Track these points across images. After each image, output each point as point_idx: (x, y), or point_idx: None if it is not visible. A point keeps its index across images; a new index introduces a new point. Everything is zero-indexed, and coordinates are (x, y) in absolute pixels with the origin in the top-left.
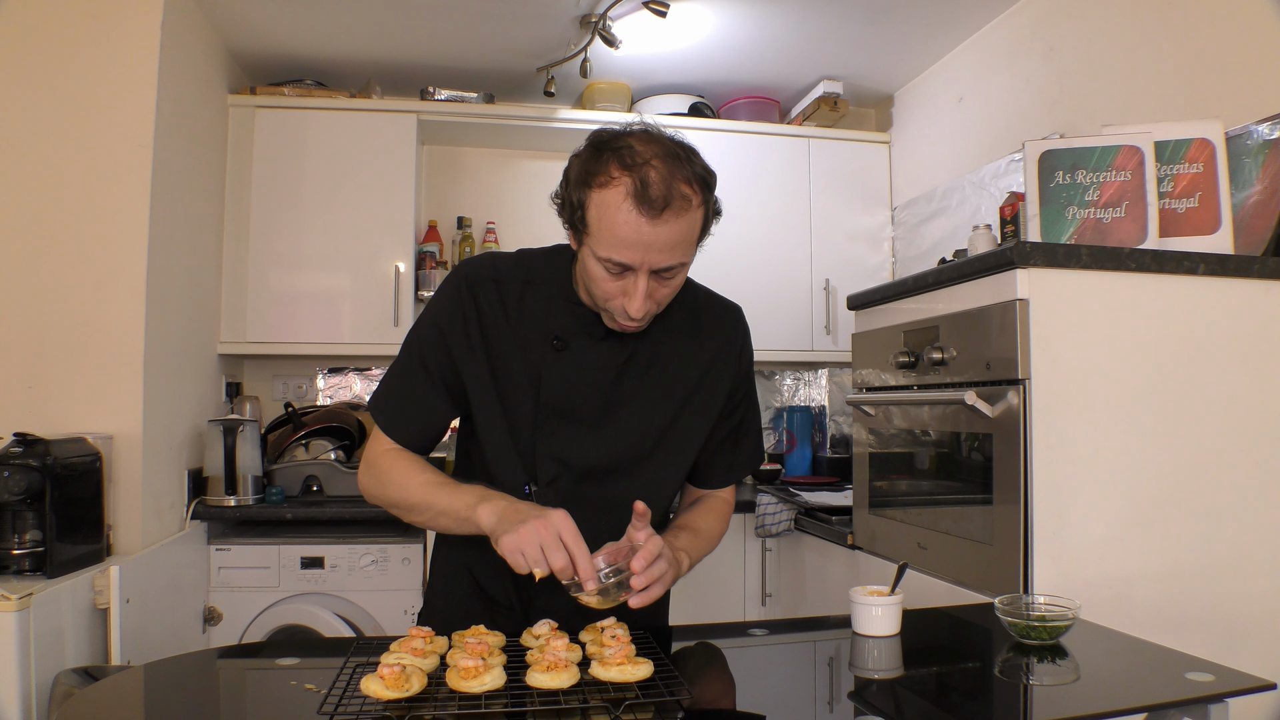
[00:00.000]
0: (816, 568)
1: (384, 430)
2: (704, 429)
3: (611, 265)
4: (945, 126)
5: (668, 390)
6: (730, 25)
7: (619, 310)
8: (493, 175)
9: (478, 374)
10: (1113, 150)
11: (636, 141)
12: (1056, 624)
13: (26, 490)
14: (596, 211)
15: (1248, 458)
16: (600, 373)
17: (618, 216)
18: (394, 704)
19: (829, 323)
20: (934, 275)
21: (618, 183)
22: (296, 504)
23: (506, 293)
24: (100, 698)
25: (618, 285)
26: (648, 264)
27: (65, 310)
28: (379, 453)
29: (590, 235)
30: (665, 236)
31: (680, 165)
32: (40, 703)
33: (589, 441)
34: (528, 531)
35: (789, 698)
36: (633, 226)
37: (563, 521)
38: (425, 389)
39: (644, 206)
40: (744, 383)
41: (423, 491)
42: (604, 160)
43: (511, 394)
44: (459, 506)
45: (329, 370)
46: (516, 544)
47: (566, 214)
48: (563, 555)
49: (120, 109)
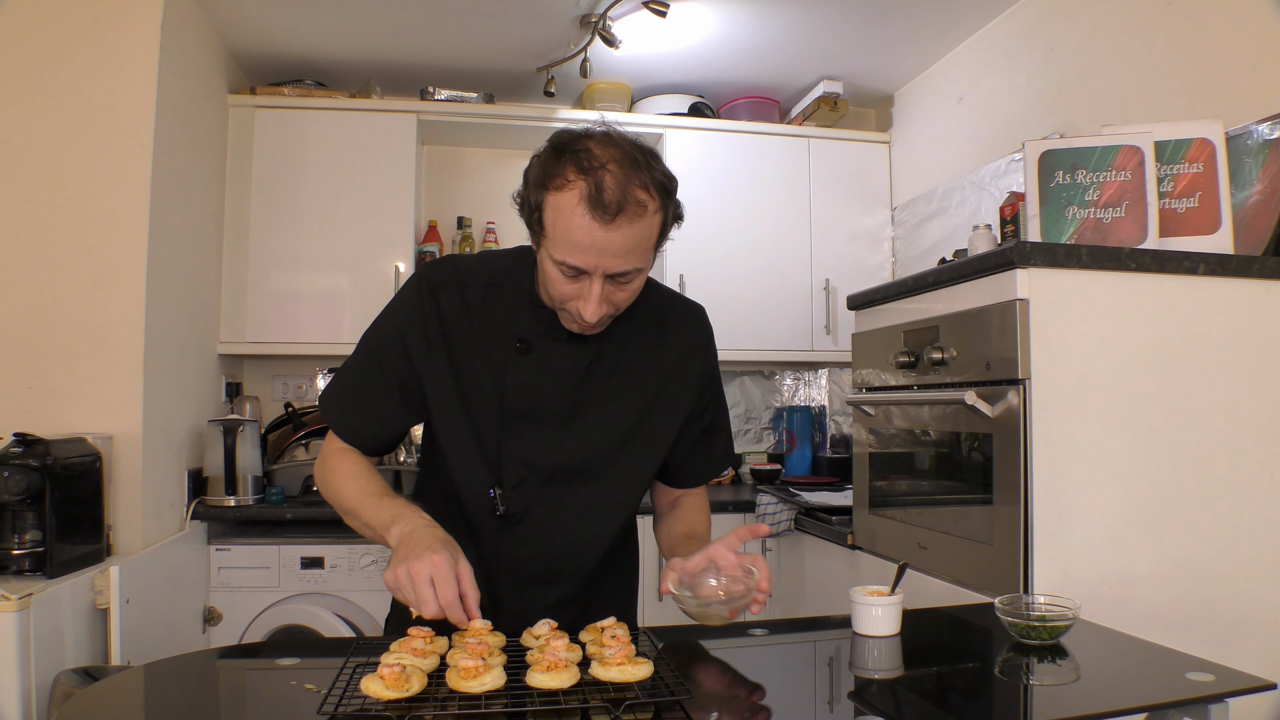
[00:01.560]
0: (816, 568)
1: (334, 430)
2: (671, 430)
3: (566, 269)
4: (945, 126)
5: (633, 391)
6: (730, 25)
7: (575, 313)
8: (493, 175)
9: (439, 378)
10: (1113, 150)
11: (595, 145)
12: (1056, 624)
13: (26, 490)
14: (552, 214)
15: (1248, 458)
16: (565, 374)
17: (571, 220)
18: (394, 704)
19: (829, 323)
20: (934, 275)
21: (573, 186)
22: (296, 504)
23: (469, 295)
24: (100, 698)
25: (573, 288)
26: (602, 268)
27: (65, 310)
28: (330, 450)
29: (546, 238)
30: (619, 242)
31: (638, 170)
32: (40, 703)
33: (555, 443)
34: (403, 572)
35: (789, 698)
36: (586, 231)
37: (437, 564)
38: (379, 392)
39: (597, 211)
40: (711, 383)
41: (354, 499)
42: (561, 162)
43: (475, 397)
44: (377, 522)
45: (329, 370)
46: (394, 582)
47: (525, 215)
48: (429, 604)
49: (120, 109)
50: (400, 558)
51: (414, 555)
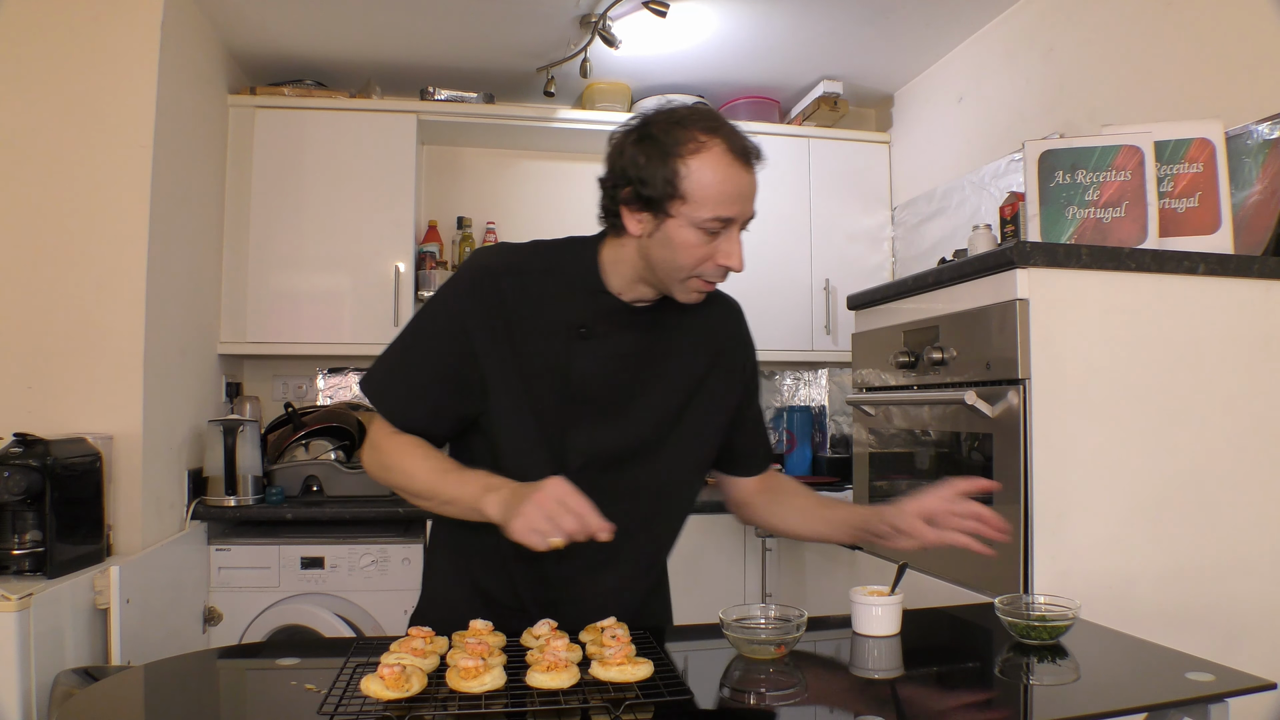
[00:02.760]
0: (816, 568)
1: (386, 416)
2: (716, 416)
3: (714, 223)
4: (945, 126)
5: (679, 379)
6: (730, 25)
7: (713, 271)
8: (493, 175)
9: (502, 364)
10: (1113, 150)
11: (694, 112)
12: (1056, 624)
13: (26, 490)
14: (697, 175)
15: (1248, 457)
16: (623, 359)
17: (721, 173)
18: (394, 704)
19: (829, 323)
20: (934, 275)
21: (711, 145)
22: (296, 504)
23: (527, 281)
24: (100, 698)
25: (710, 248)
26: (745, 214)
27: (65, 310)
28: (385, 434)
29: (688, 202)
30: (754, 186)
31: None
32: (40, 703)
33: (613, 428)
34: (530, 510)
35: (789, 697)
36: (735, 180)
37: (558, 486)
38: (437, 378)
39: (741, 158)
40: (756, 376)
41: (428, 478)
42: (685, 130)
43: (536, 383)
44: (465, 496)
45: (329, 370)
46: (526, 525)
47: (653, 191)
48: (571, 520)
49: (120, 109)
50: (512, 515)
51: (528, 497)
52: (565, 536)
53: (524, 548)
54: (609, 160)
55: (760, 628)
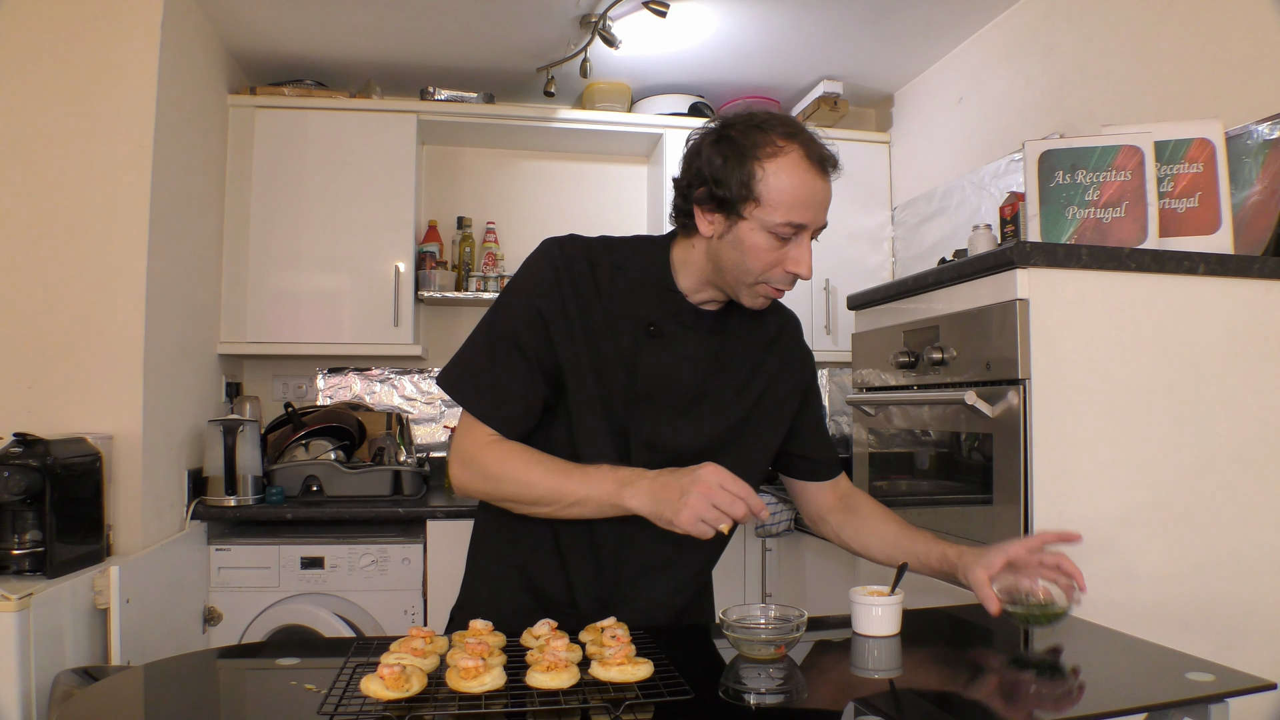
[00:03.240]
0: (816, 568)
1: (480, 416)
2: (775, 429)
3: (786, 229)
4: (945, 126)
5: (745, 384)
6: (730, 25)
7: (781, 277)
8: (493, 175)
9: (575, 354)
10: (1113, 150)
11: (776, 117)
12: (1056, 609)
13: (26, 490)
14: (773, 179)
15: (1248, 457)
16: (691, 361)
17: (797, 179)
18: (394, 704)
19: (829, 323)
20: (934, 275)
21: (788, 150)
22: (296, 504)
23: (599, 274)
24: (100, 698)
25: (779, 254)
26: (817, 222)
27: (65, 310)
28: (481, 445)
29: (761, 205)
30: (829, 194)
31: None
32: (40, 703)
33: (677, 428)
34: (696, 501)
35: (789, 697)
36: (811, 187)
37: (718, 474)
38: (521, 370)
39: (818, 165)
40: (815, 382)
41: (546, 481)
42: (764, 134)
43: (605, 376)
44: (599, 494)
45: (329, 370)
46: (694, 515)
47: (729, 192)
48: (740, 504)
49: (120, 109)
50: (674, 508)
51: (682, 496)
52: (732, 522)
53: (581, 545)
54: (685, 160)
55: (760, 628)
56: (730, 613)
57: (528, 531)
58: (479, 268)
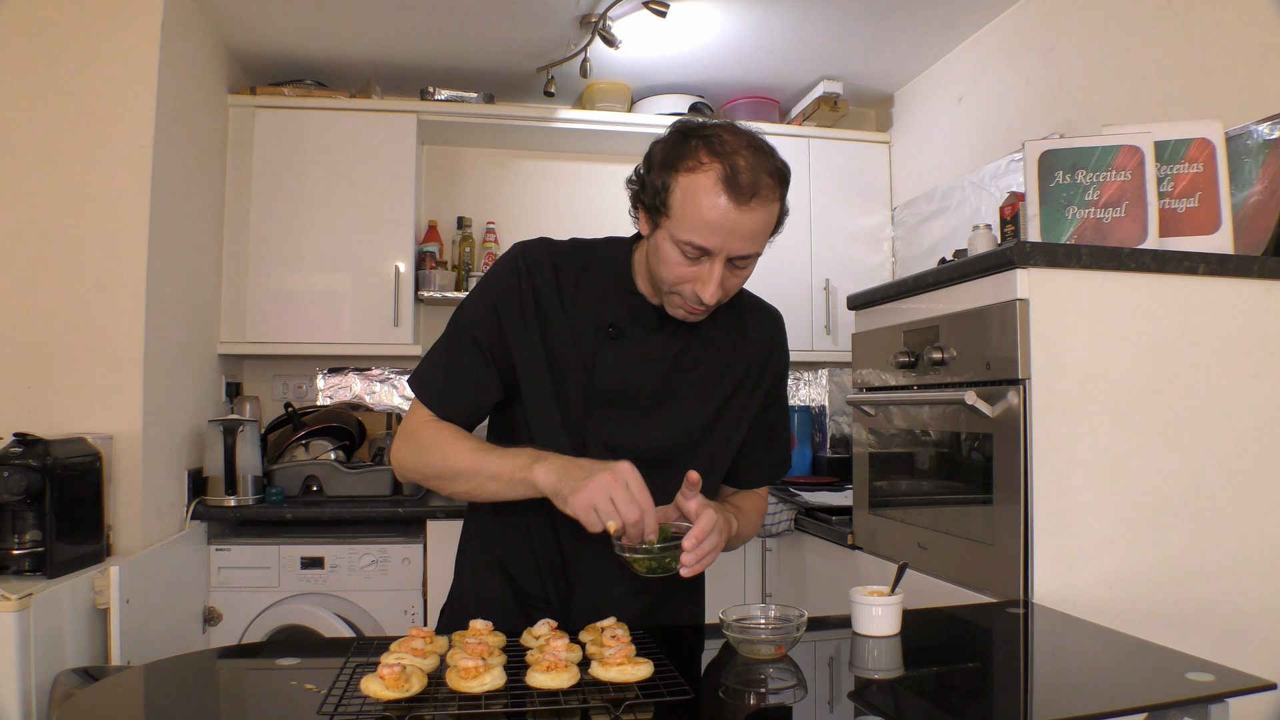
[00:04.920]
0: (816, 568)
1: (429, 405)
2: (742, 428)
3: (691, 249)
4: (945, 126)
5: (712, 387)
6: (730, 25)
7: (690, 295)
8: (493, 175)
9: (531, 354)
10: (1113, 150)
11: (724, 132)
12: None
13: (26, 490)
14: (682, 195)
15: (1248, 457)
16: (652, 363)
17: (704, 200)
18: (394, 704)
19: (829, 323)
20: (934, 275)
21: (707, 168)
22: (296, 504)
23: (563, 278)
24: (100, 698)
25: (692, 270)
26: (727, 250)
27: (65, 310)
28: (419, 423)
29: (671, 218)
30: (748, 224)
31: (766, 157)
32: (40, 703)
33: (638, 430)
34: (597, 486)
35: (789, 698)
36: (719, 212)
37: (629, 472)
38: (474, 364)
39: (733, 192)
40: (779, 384)
41: (469, 457)
42: (692, 146)
43: (564, 377)
44: (511, 468)
45: (329, 370)
46: (589, 500)
47: (647, 197)
48: (636, 507)
49: (120, 109)
50: (575, 486)
51: (587, 479)
52: (621, 525)
53: (548, 541)
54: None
55: (760, 628)
56: (730, 613)
57: (505, 528)
58: (479, 268)
